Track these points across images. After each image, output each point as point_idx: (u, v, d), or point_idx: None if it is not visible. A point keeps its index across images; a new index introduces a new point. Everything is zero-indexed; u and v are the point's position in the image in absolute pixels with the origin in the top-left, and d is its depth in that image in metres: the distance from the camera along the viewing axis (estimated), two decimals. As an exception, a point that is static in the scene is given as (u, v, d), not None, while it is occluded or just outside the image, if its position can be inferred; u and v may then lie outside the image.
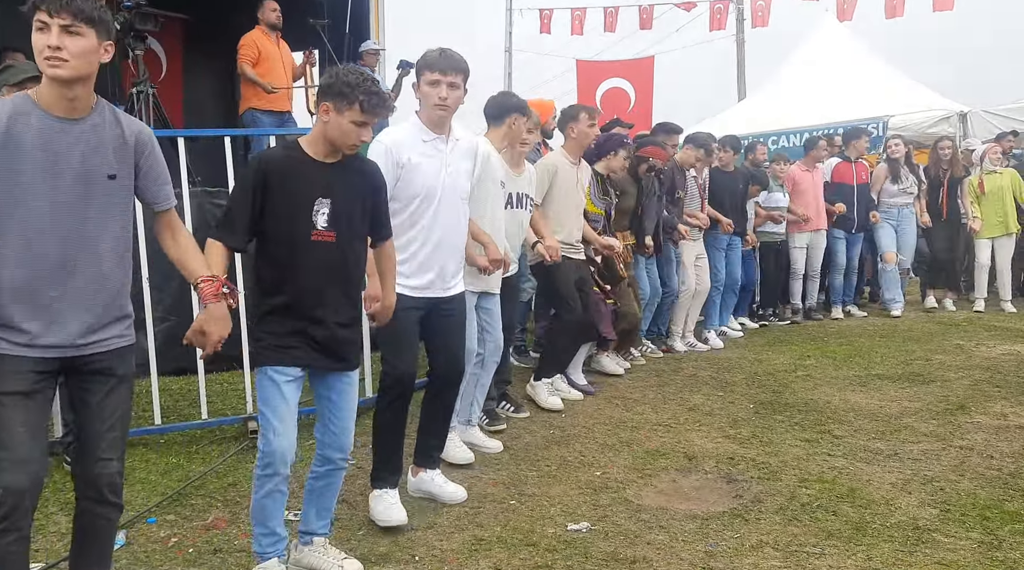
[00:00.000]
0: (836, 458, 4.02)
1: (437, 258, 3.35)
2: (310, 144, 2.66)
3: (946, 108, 11.44)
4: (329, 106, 2.60)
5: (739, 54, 21.18)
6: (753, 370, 5.94)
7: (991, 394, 5.04)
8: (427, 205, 3.28)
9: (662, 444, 4.30)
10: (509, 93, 4.34)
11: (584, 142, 5.02)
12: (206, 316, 2.41)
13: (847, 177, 8.04)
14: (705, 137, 6.84)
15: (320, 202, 2.62)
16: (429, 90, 3.27)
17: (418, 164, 3.25)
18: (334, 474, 2.90)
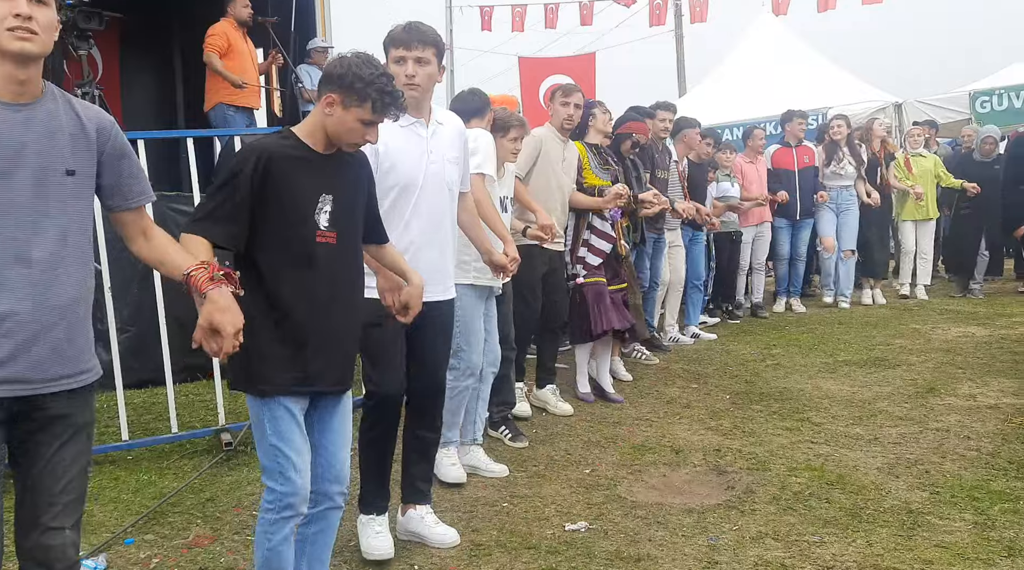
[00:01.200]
0: (820, 445, 4.05)
1: (421, 256, 2.98)
2: (308, 135, 2.36)
3: (882, 99, 11.75)
4: (335, 98, 2.29)
5: (678, 49, 21.46)
6: (723, 361, 5.99)
7: (956, 375, 5.17)
8: (407, 197, 2.93)
9: (647, 439, 4.28)
10: (478, 89, 4.12)
11: (560, 118, 4.69)
12: (210, 306, 1.97)
13: (787, 162, 7.92)
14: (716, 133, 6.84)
15: (323, 199, 2.32)
16: (396, 69, 2.90)
17: (396, 151, 2.91)
18: (331, 515, 2.49)
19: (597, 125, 5.16)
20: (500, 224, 3.56)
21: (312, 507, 2.42)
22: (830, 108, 11.75)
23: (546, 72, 18.28)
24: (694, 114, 13.77)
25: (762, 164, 7.85)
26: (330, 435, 2.44)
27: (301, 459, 2.30)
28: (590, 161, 5.05)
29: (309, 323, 2.31)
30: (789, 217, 7.90)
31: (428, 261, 3.02)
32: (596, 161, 5.11)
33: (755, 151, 7.85)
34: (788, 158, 7.97)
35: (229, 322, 1.97)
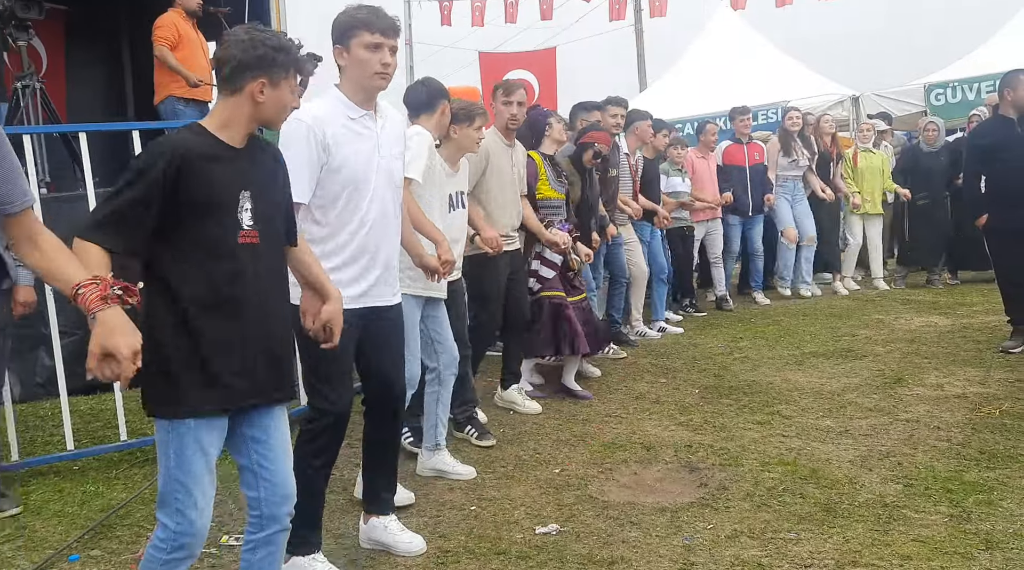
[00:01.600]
0: (791, 439, 4.00)
1: (377, 259, 2.81)
2: (220, 128, 2.13)
3: (839, 92, 11.85)
4: (264, 82, 2.11)
5: (638, 44, 21.51)
6: (691, 355, 5.93)
7: (922, 366, 5.16)
8: (360, 196, 2.73)
9: (617, 436, 4.19)
10: (431, 78, 3.83)
11: (503, 119, 4.49)
12: (101, 329, 1.76)
13: (738, 159, 7.92)
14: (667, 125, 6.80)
15: (243, 196, 2.11)
16: (369, 56, 2.69)
17: (347, 147, 2.70)
18: (277, 538, 2.26)
19: (553, 134, 5.10)
20: (429, 225, 3.36)
21: (258, 532, 2.24)
22: (788, 101, 11.81)
23: (507, 67, 18.19)
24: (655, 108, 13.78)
25: (713, 160, 7.81)
26: (270, 453, 2.22)
27: (203, 496, 2.06)
28: (547, 172, 4.97)
29: (232, 333, 2.08)
30: (740, 214, 7.90)
31: (384, 263, 2.87)
32: (552, 172, 5.05)
33: (707, 146, 7.79)
34: (739, 155, 7.97)
35: (124, 344, 1.76)
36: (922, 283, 8.54)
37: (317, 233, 2.72)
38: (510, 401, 4.74)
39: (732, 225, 7.91)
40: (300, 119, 2.65)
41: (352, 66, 2.73)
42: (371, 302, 2.82)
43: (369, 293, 2.81)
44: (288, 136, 2.63)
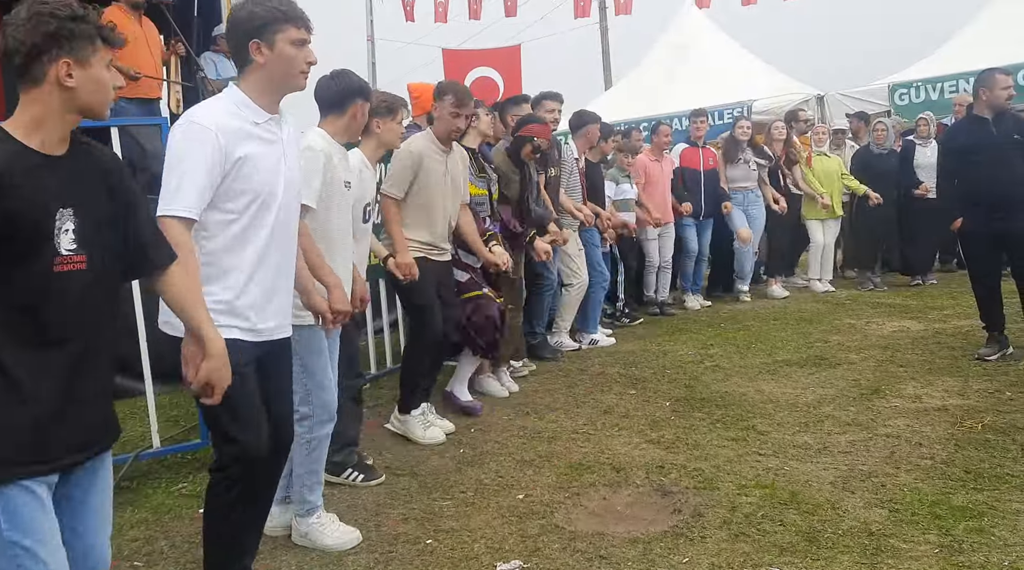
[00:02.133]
0: (768, 457, 3.78)
1: (281, 284, 2.48)
2: (27, 132, 1.75)
3: (804, 92, 11.79)
4: (68, 63, 1.76)
5: (603, 42, 21.37)
6: (661, 363, 5.71)
7: (899, 375, 4.99)
8: (266, 211, 2.38)
9: (584, 456, 3.94)
10: (347, 72, 3.29)
11: (447, 129, 4.21)
12: None
13: (694, 162, 7.79)
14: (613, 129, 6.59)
15: (62, 214, 1.74)
16: (295, 53, 2.40)
17: (253, 154, 2.35)
18: None
19: (481, 127, 4.78)
20: (323, 266, 2.89)
21: None
22: (755, 101, 11.77)
23: (471, 64, 17.87)
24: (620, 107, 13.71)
25: (668, 162, 7.59)
26: (87, 517, 1.89)
27: (54, 557, 1.75)
28: (468, 166, 4.64)
29: (49, 381, 1.74)
30: (694, 215, 7.76)
31: (287, 288, 2.54)
32: (473, 167, 4.71)
33: (660, 148, 7.56)
34: (695, 158, 7.82)
35: None
36: (867, 286, 8.44)
37: (213, 253, 2.35)
38: (406, 429, 4.31)
39: (688, 226, 7.76)
40: (197, 122, 2.30)
41: (275, 64, 2.40)
42: (270, 336, 2.47)
43: (270, 325, 2.46)
44: (182, 140, 2.28)
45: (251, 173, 2.35)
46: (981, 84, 5.30)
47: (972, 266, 5.51)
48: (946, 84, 10.69)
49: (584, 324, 6.48)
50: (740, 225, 7.89)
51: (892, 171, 8.40)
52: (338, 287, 2.90)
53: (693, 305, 7.88)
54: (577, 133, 6.38)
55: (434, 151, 4.19)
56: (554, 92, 5.89)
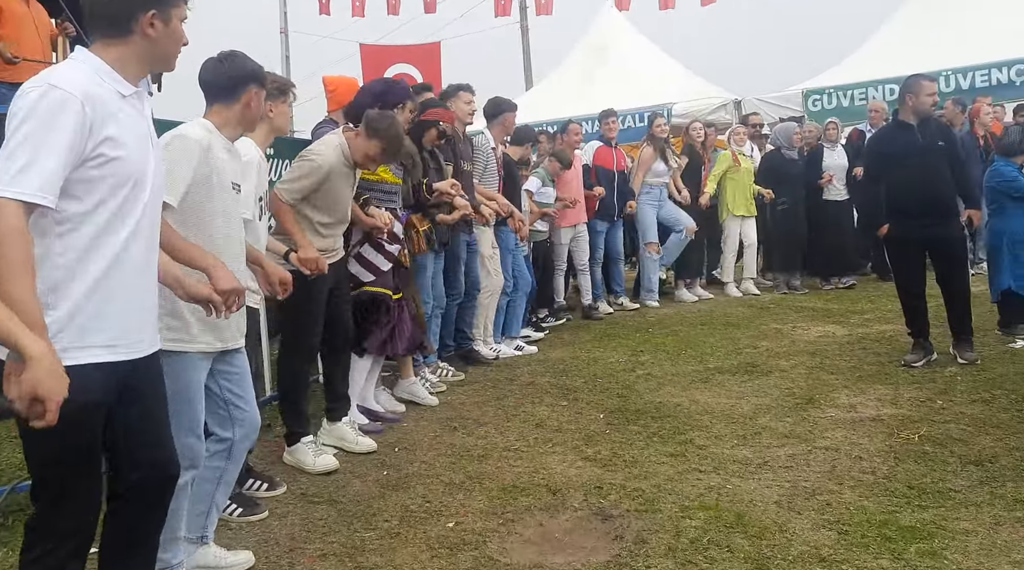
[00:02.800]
0: (709, 474, 3.62)
1: (143, 291, 2.06)
2: None
3: (722, 96, 11.93)
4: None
5: (524, 41, 21.21)
6: (591, 372, 5.52)
7: (830, 383, 4.94)
8: (134, 201, 1.98)
9: (518, 476, 3.69)
10: (239, 53, 2.90)
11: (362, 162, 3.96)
12: None
13: (607, 162, 7.70)
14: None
15: None
16: (182, 31, 2.12)
17: (120, 132, 1.95)
18: None
19: (403, 115, 4.49)
20: (195, 251, 2.44)
21: None
22: (674, 104, 11.81)
23: (390, 60, 17.47)
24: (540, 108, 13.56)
25: (579, 162, 7.44)
26: None
27: None
28: None
29: None
30: (607, 218, 7.64)
31: (147, 293, 2.10)
32: None
33: (571, 147, 7.37)
34: (608, 157, 7.71)
35: None
36: (783, 289, 8.53)
37: (65, 253, 1.90)
38: (338, 438, 4.05)
39: (599, 232, 7.63)
40: (60, 86, 1.86)
41: (165, 41, 2.07)
42: (128, 355, 2.01)
43: (127, 340, 2.01)
44: (38, 108, 1.83)
45: (118, 154, 1.93)
46: (907, 90, 5.30)
47: (897, 273, 5.52)
48: (856, 91, 10.99)
49: (506, 331, 6.25)
50: (650, 236, 7.84)
51: (801, 175, 8.48)
52: (219, 265, 2.42)
53: (605, 309, 7.74)
54: (493, 121, 6.09)
55: (343, 166, 3.92)
56: (467, 84, 5.62)
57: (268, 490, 3.50)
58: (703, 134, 8.38)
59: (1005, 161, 5.71)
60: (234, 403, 2.81)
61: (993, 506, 3.14)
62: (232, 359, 2.80)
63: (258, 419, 2.92)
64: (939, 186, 5.08)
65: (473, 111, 5.64)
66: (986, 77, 9.94)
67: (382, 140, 3.87)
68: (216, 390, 2.76)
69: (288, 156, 4.82)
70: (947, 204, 5.13)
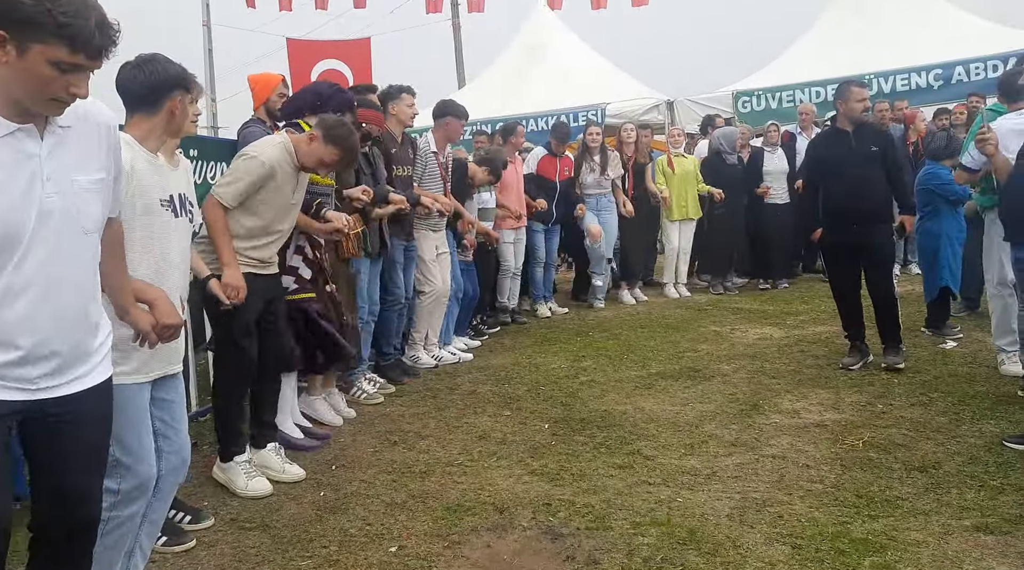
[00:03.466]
0: (658, 487, 3.54)
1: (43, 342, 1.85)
2: None
3: (655, 97, 12.01)
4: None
5: (456, 38, 21.02)
6: (534, 379, 5.40)
7: (773, 387, 4.94)
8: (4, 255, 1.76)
9: (462, 494, 3.54)
10: (159, 58, 2.62)
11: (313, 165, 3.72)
12: None
13: (550, 172, 7.53)
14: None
15: None
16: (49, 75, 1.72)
17: None
18: None
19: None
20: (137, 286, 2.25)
21: None
22: (608, 104, 11.85)
23: (318, 56, 16.96)
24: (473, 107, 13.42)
25: (520, 165, 7.27)
26: None
27: None
28: None
29: None
30: (545, 221, 7.50)
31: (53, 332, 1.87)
32: None
33: (515, 149, 7.21)
34: (552, 167, 7.55)
35: None
36: (718, 289, 8.61)
37: None
38: (263, 466, 3.72)
39: (537, 232, 7.50)
40: None
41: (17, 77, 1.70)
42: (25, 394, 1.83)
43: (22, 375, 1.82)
44: None
45: None
46: (839, 97, 5.35)
47: (832, 277, 5.58)
48: (784, 94, 11.20)
49: (445, 335, 6.10)
50: (591, 221, 7.69)
51: (741, 178, 8.54)
52: (163, 298, 2.27)
53: (544, 312, 7.65)
54: (437, 122, 5.83)
55: (288, 165, 3.63)
56: (408, 86, 5.41)
57: (192, 523, 3.21)
58: (634, 136, 8.24)
59: (938, 165, 5.84)
60: (163, 434, 2.58)
61: (940, 514, 3.15)
62: (168, 385, 2.60)
63: (187, 451, 2.69)
64: (870, 193, 5.12)
65: (415, 114, 5.41)
66: (906, 81, 10.24)
67: (340, 149, 3.64)
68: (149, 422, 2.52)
69: (214, 157, 4.56)
70: (878, 211, 5.17)
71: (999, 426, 4.04)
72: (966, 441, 3.89)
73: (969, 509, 3.18)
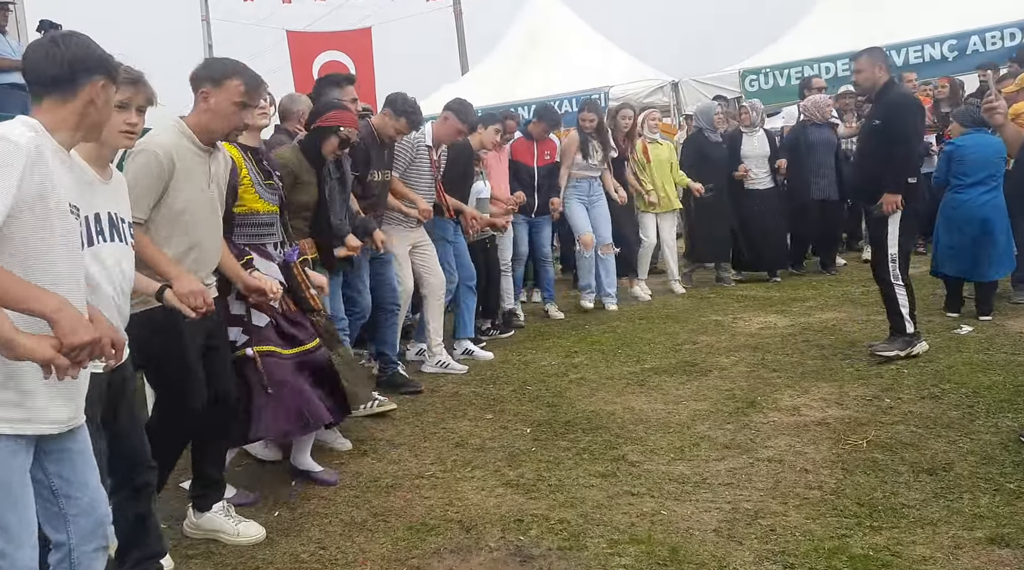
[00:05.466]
0: (642, 498, 3.25)
1: None
2: None
3: (659, 79, 11.70)
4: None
5: (458, 25, 20.71)
6: (521, 378, 5.12)
7: (773, 382, 4.62)
8: None
9: (429, 510, 3.27)
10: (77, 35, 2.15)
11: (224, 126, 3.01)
12: None
13: (526, 157, 6.83)
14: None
15: None
16: None
17: None
18: None
19: (257, 120, 3.48)
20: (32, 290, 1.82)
21: None
22: (611, 87, 11.51)
23: (319, 48, 16.77)
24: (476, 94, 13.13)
25: (505, 153, 6.66)
26: None
27: None
28: (249, 174, 3.40)
29: None
30: (525, 213, 6.82)
31: None
32: (256, 174, 3.43)
33: (504, 140, 6.55)
34: (528, 152, 6.91)
35: None
36: (712, 281, 8.06)
37: None
38: (212, 530, 3.12)
39: (519, 224, 6.82)
40: None
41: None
42: None
43: None
44: None
45: None
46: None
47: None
48: (793, 70, 10.78)
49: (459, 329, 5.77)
50: (582, 229, 6.99)
51: (724, 159, 7.85)
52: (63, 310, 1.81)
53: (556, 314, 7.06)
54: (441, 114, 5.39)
55: (190, 151, 2.91)
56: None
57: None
58: (629, 123, 7.39)
59: None
60: (65, 493, 2.04)
61: (951, 524, 2.84)
62: (67, 442, 2.05)
63: (104, 509, 2.14)
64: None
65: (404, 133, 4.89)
66: (919, 52, 9.82)
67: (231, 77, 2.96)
68: (42, 477, 2.00)
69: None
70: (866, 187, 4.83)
71: (1017, 420, 3.71)
72: (980, 438, 3.56)
73: (983, 517, 2.87)
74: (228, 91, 2.94)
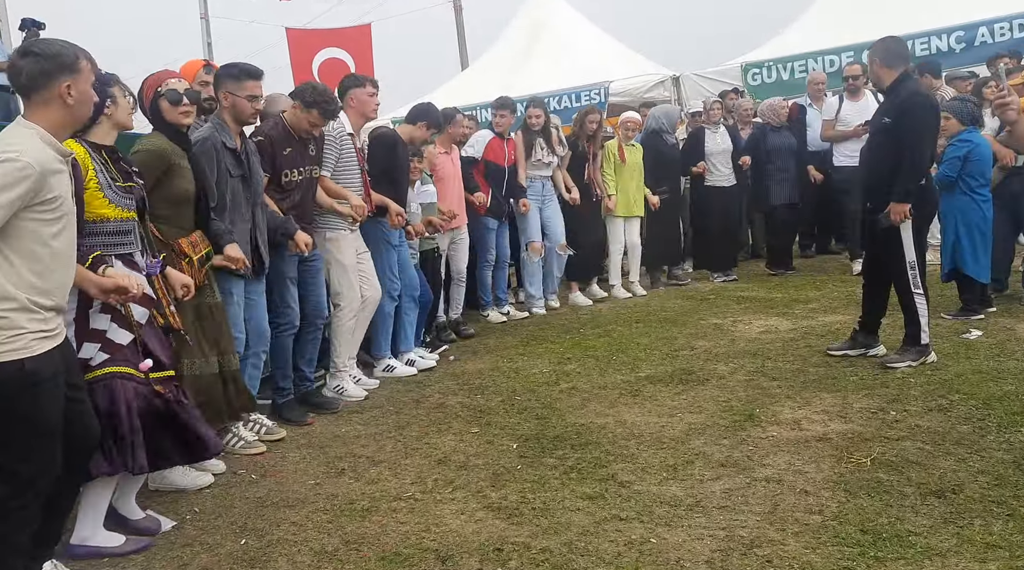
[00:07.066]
0: (631, 523, 3.05)
1: None
2: None
3: (660, 73, 11.51)
4: None
5: (458, 20, 20.55)
6: (510, 387, 4.92)
7: (773, 392, 4.42)
8: None
9: (404, 538, 3.07)
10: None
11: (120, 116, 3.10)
12: None
13: (499, 156, 6.70)
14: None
15: None
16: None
17: None
18: None
19: (117, 115, 3.14)
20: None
21: None
22: (611, 82, 11.31)
23: (319, 45, 16.66)
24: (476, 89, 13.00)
25: (457, 155, 6.39)
26: None
27: None
28: (97, 175, 2.98)
29: None
30: (498, 216, 6.69)
31: None
32: (106, 174, 3.02)
33: (452, 139, 6.30)
34: (501, 151, 6.71)
35: None
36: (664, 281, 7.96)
37: None
38: None
39: (490, 229, 6.68)
40: None
41: None
42: None
43: None
44: None
45: None
46: None
47: None
48: (796, 64, 10.55)
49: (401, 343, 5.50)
50: (533, 234, 6.85)
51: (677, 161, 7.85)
52: None
53: (497, 318, 6.91)
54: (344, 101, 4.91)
55: (55, 161, 2.45)
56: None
57: None
58: (595, 127, 7.20)
59: None
60: None
61: (961, 554, 2.64)
62: None
63: None
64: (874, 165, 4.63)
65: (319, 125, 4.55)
66: (926, 44, 9.56)
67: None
68: None
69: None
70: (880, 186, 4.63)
71: (1031, 435, 3.50)
72: (992, 455, 3.36)
73: (995, 547, 2.67)
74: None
